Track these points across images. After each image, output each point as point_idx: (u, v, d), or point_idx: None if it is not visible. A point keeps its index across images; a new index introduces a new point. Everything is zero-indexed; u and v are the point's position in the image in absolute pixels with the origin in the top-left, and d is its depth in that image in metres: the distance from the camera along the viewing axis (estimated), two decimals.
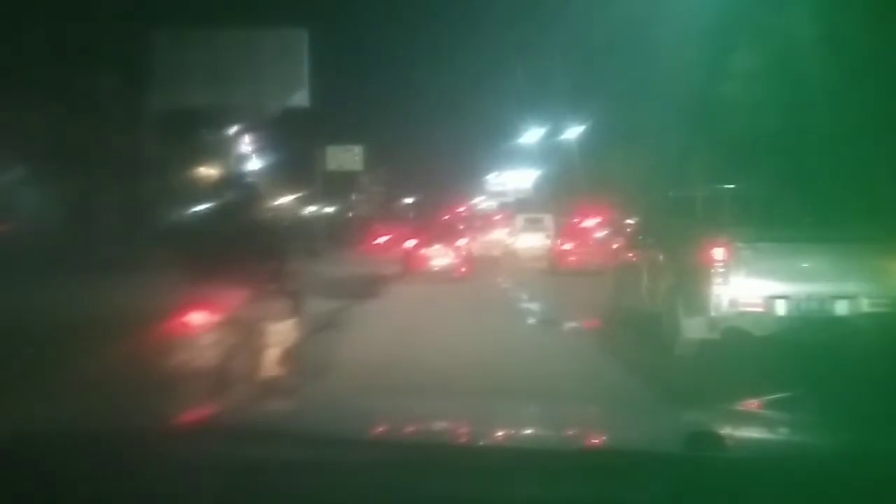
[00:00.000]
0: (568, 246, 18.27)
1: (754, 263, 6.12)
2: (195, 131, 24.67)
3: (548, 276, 17.43)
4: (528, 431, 2.05)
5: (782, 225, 7.11)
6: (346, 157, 32.25)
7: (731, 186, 8.29)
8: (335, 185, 35.81)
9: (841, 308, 6.05)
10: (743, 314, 6.22)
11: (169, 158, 21.40)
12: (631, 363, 6.48)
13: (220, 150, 28.17)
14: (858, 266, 6.11)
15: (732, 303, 6.12)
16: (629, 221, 14.10)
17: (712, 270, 6.14)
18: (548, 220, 22.60)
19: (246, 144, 31.76)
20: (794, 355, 6.00)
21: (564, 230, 20.01)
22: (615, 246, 11.27)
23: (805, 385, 5.42)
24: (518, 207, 30.37)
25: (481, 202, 46.21)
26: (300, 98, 21.74)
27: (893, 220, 7.12)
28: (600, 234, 19.15)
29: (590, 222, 20.99)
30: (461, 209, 36.55)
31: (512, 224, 24.40)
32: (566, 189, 29.72)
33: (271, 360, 3.99)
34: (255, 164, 33.03)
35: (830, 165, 10.91)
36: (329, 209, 41.76)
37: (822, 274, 6.11)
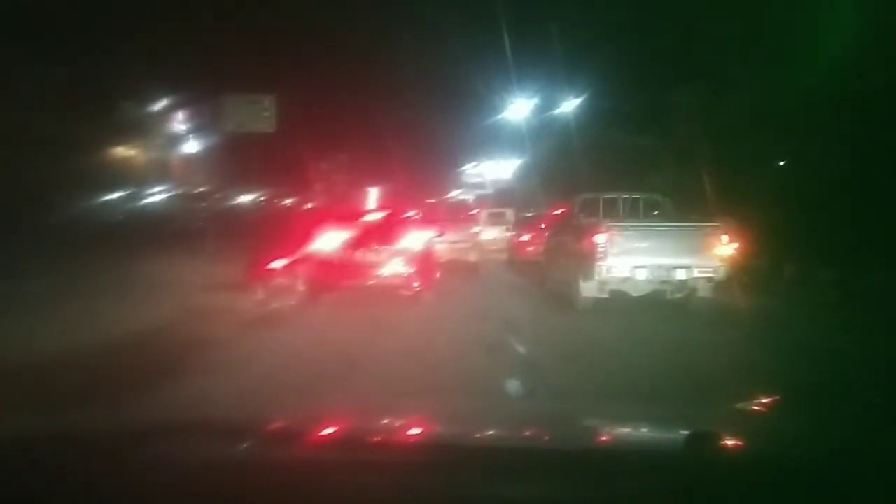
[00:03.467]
0: (525, 238, 20.73)
1: (624, 244, 9.37)
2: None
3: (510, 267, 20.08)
4: (528, 431, 2.10)
5: (643, 218, 10.52)
6: (251, 111, 23.24)
7: (619, 193, 11.66)
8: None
9: (680, 274, 9.36)
10: (618, 279, 9.48)
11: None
12: (555, 308, 10.09)
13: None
14: (691, 245, 9.44)
15: (609, 271, 9.37)
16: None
17: (597, 249, 9.36)
18: (509, 213, 25.20)
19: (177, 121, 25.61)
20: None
21: (522, 223, 22.32)
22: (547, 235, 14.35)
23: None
24: (498, 201, 29.96)
25: (458, 195, 42.70)
26: None
27: (711, 216, 10.48)
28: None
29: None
30: (431, 200, 29.39)
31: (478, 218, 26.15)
32: (541, 183, 30.76)
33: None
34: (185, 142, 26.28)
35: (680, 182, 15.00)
36: (286, 200, 35.67)
37: (667, 251, 9.43)
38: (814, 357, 6.68)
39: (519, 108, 30.79)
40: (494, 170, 42.65)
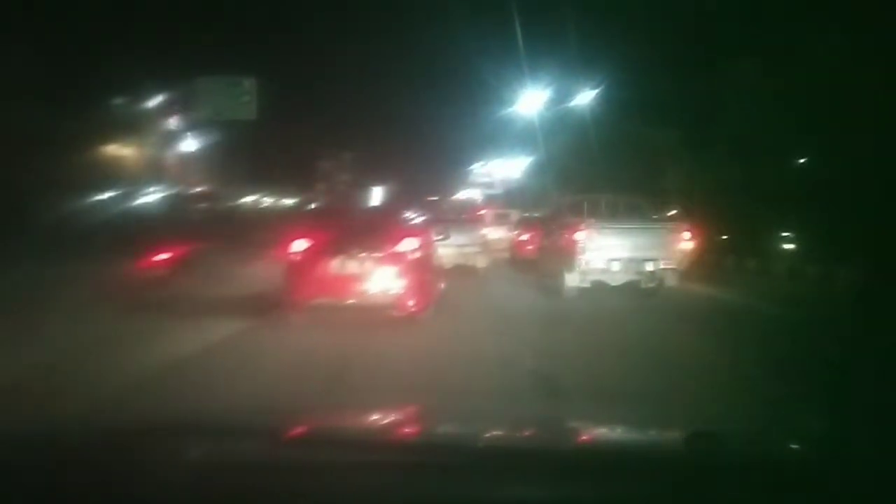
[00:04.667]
0: (524, 237, 22.29)
1: (601, 240, 11.02)
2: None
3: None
4: (528, 431, 2.16)
5: (618, 217, 12.22)
6: (229, 96, 21.05)
7: (599, 193, 13.33)
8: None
9: (648, 266, 11.02)
10: (597, 271, 11.13)
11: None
12: (545, 296, 11.67)
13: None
14: (657, 241, 11.11)
15: (588, 263, 11.01)
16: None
17: (578, 244, 11.00)
18: (513, 214, 26.78)
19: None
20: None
21: (522, 223, 23.86)
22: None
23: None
24: (507, 201, 30.37)
25: (465, 194, 40.23)
26: None
27: (674, 216, 12.13)
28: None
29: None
30: (433, 198, 25.09)
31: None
32: (553, 181, 30.79)
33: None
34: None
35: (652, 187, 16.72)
36: (288, 201, 34.05)
37: (638, 246, 11.08)
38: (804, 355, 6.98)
39: (530, 102, 28.78)
40: (504, 168, 42.02)
